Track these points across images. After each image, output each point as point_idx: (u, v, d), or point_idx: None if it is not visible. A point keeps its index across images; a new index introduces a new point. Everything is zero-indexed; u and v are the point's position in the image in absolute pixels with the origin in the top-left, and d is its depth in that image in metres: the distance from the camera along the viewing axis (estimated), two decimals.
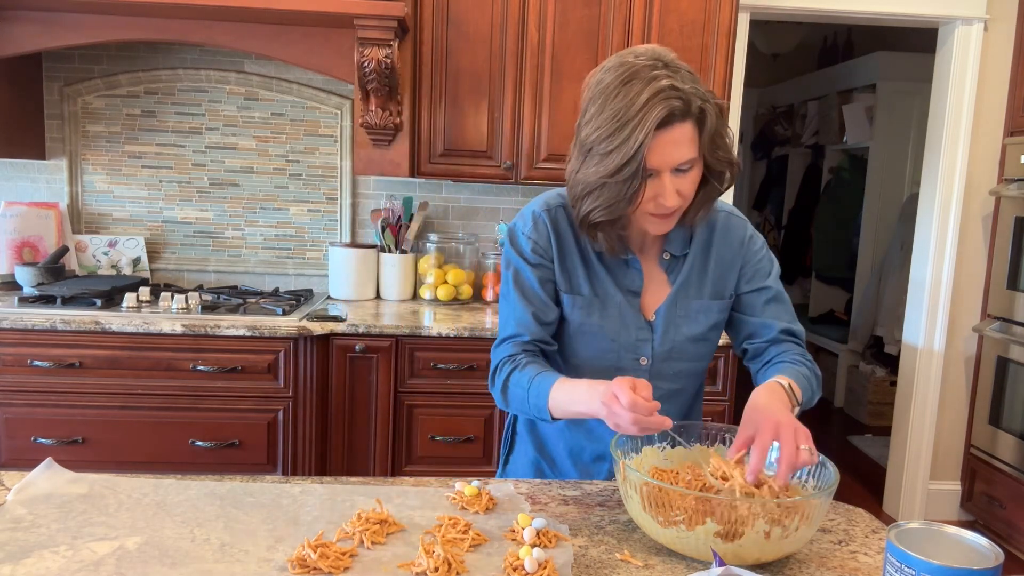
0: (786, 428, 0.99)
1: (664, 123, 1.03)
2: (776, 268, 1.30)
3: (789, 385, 1.11)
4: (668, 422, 1.00)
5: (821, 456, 1.04)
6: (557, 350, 1.29)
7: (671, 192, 1.09)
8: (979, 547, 0.77)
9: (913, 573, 0.74)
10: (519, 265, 1.25)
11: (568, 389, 1.10)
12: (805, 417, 1.09)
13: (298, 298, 2.59)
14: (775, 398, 1.07)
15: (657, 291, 1.25)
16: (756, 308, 1.28)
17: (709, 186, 1.16)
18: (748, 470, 0.99)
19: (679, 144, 1.06)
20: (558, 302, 1.25)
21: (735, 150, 1.17)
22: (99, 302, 2.32)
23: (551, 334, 1.25)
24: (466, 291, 2.75)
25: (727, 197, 2.92)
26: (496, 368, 1.24)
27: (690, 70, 1.09)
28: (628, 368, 1.24)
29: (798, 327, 1.30)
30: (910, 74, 4.41)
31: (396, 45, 2.31)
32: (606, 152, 1.06)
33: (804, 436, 0.99)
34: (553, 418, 1.13)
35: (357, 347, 2.31)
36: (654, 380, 1.22)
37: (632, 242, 1.24)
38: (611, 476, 1.29)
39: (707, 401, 2.55)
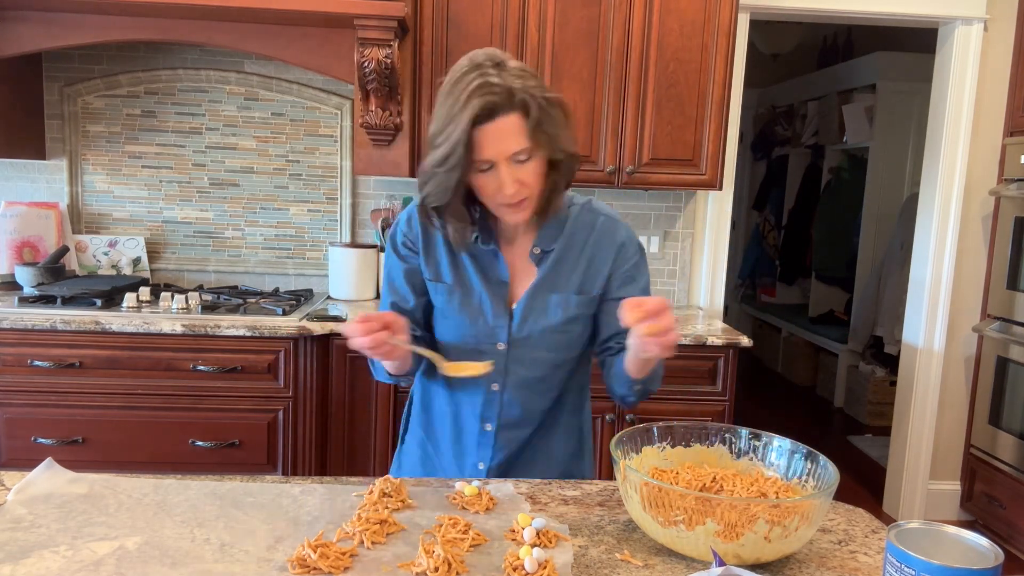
0: (669, 312, 1.09)
1: (486, 116, 1.11)
2: (646, 279, 1.35)
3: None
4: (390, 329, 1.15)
5: (821, 457, 1.04)
6: (435, 332, 1.39)
7: (509, 181, 1.15)
8: (979, 547, 0.77)
9: (913, 573, 0.74)
10: (389, 257, 1.38)
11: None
12: (804, 417, 1.09)
13: (298, 298, 2.59)
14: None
15: (524, 282, 1.32)
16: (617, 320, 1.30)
17: (553, 176, 1.23)
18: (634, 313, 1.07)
19: (506, 134, 1.13)
20: (425, 292, 1.35)
21: (574, 141, 1.23)
22: (99, 302, 2.32)
23: (412, 320, 1.34)
24: None
25: (726, 195, 2.92)
26: None
27: (524, 68, 1.17)
28: (486, 351, 1.31)
29: None
30: (910, 74, 4.41)
31: (396, 45, 2.31)
32: (439, 144, 1.16)
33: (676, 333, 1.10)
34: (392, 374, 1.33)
35: None
36: (512, 365, 1.32)
37: (503, 235, 1.31)
38: (488, 464, 1.35)
39: (707, 401, 2.55)
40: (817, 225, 5.40)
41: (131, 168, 2.81)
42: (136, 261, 2.81)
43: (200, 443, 2.28)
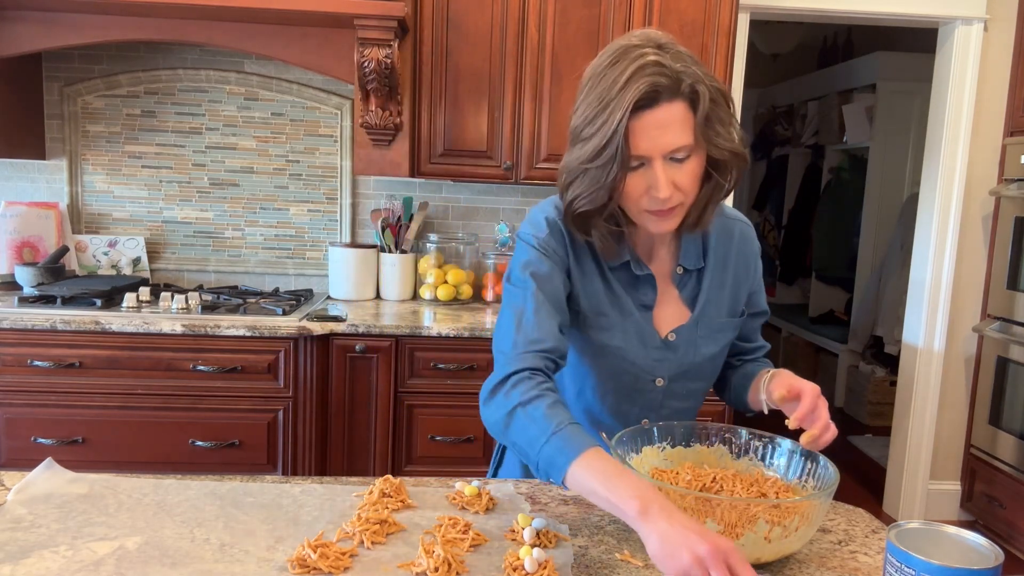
0: (824, 402, 1.03)
1: (648, 102, 0.95)
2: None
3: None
4: None
5: (821, 457, 1.04)
6: (561, 379, 1.22)
7: (664, 182, 0.98)
8: (979, 547, 0.77)
9: (913, 573, 0.74)
10: (538, 268, 1.10)
11: (607, 472, 0.89)
12: None
13: (298, 298, 2.59)
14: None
15: (669, 306, 1.17)
16: (753, 330, 1.27)
17: (713, 182, 1.05)
18: (796, 417, 1.02)
19: (667, 127, 0.96)
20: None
21: (740, 140, 1.04)
22: (99, 302, 2.32)
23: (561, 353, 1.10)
24: (466, 291, 2.75)
25: (726, 199, 2.92)
26: (508, 378, 1.02)
27: (690, 54, 1.00)
28: (643, 389, 1.18)
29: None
30: (910, 74, 4.41)
31: (396, 45, 2.31)
32: (588, 136, 0.99)
33: (834, 428, 1.03)
34: (563, 483, 0.94)
35: (357, 347, 2.31)
36: (666, 400, 1.20)
37: (640, 252, 1.15)
38: None
39: (707, 401, 2.54)
40: (817, 225, 5.40)
41: (131, 168, 2.81)
42: (136, 261, 2.81)
43: (200, 443, 2.28)
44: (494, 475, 1.36)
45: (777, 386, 1.08)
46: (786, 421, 1.05)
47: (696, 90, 0.97)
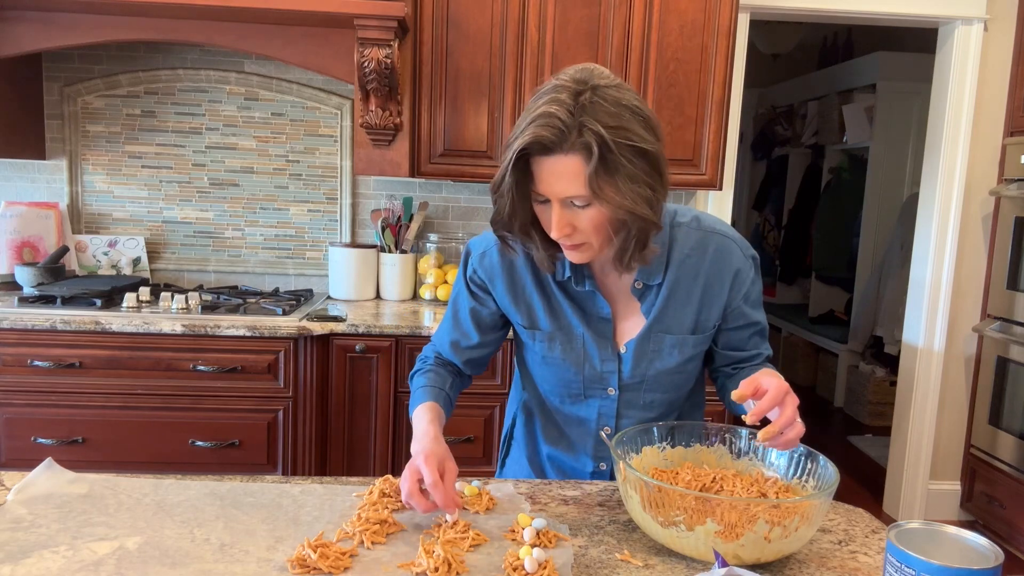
0: (792, 399, 1.00)
1: (542, 149, 0.98)
2: (759, 290, 1.24)
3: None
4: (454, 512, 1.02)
5: (821, 457, 1.04)
6: (524, 374, 1.32)
7: (556, 223, 1.02)
8: (979, 547, 0.77)
9: (913, 573, 0.74)
10: (458, 287, 1.28)
11: (416, 422, 1.16)
12: (804, 417, 1.09)
13: (298, 298, 2.59)
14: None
15: (630, 319, 1.19)
16: (743, 342, 1.25)
17: (623, 234, 1.05)
18: (754, 412, 0.99)
19: (560, 175, 0.99)
20: (495, 328, 1.28)
21: (657, 202, 1.03)
22: (99, 302, 2.32)
23: (469, 359, 1.29)
24: None
25: (726, 195, 2.92)
26: (418, 360, 1.34)
27: (624, 103, 0.98)
28: (596, 397, 1.23)
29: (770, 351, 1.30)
30: (910, 74, 4.41)
31: (396, 45, 2.31)
32: (501, 163, 1.04)
33: (799, 426, 1.00)
34: None
35: (357, 347, 2.31)
36: (624, 409, 1.23)
37: (595, 268, 1.18)
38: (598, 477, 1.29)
39: (707, 401, 2.54)
40: (817, 225, 5.40)
41: (131, 168, 2.81)
42: (136, 261, 2.81)
43: (200, 443, 2.28)
44: (502, 464, 1.43)
45: (741, 384, 1.03)
46: (743, 416, 1.02)
47: (590, 146, 0.96)
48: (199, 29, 2.39)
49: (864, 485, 3.64)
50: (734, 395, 1.02)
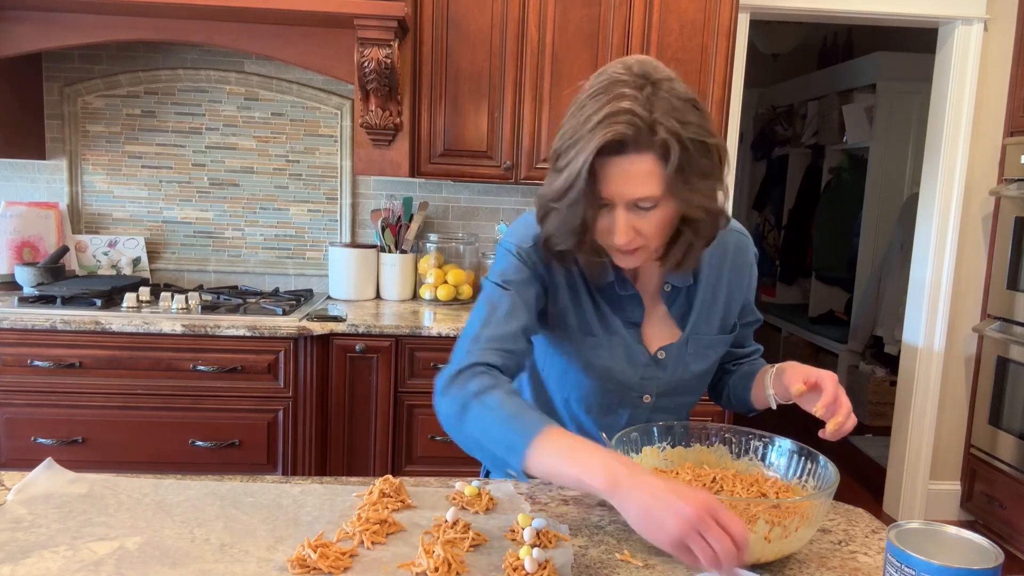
0: (843, 390, 1.02)
1: (615, 149, 0.92)
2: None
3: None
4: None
5: (821, 457, 1.04)
6: (540, 384, 1.23)
7: (623, 229, 0.96)
8: (979, 547, 0.77)
9: (913, 573, 0.74)
10: (520, 275, 1.10)
11: (571, 447, 0.89)
12: (804, 417, 1.10)
13: (298, 298, 2.59)
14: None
15: (657, 323, 1.15)
16: (746, 338, 1.27)
17: (687, 233, 1.02)
18: (822, 404, 1.01)
19: (633, 176, 0.93)
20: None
21: (722, 197, 1.01)
22: (99, 302, 2.32)
23: (527, 349, 1.13)
24: (466, 291, 2.75)
25: (726, 199, 2.92)
26: (465, 370, 1.01)
27: (686, 96, 0.94)
28: (629, 405, 1.18)
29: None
30: (910, 74, 4.41)
31: (396, 45, 2.31)
32: (560, 169, 0.96)
33: (853, 416, 1.03)
34: (524, 472, 0.92)
35: (357, 347, 2.31)
36: (653, 415, 1.20)
37: (631, 270, 1.12)
38: None
39: (707, 401, 2.54)
40: (817, 225, 5.39)
41: (131, 168, 2.81)
42: (136, 261, 2.81)
43: (200, 443, 2.28)
44: (486, 474, 1.35)
45: (792, 379, 1.05)
46: (813, 409, 1.03)
47: (667, 144, 0.91)
48: (199, 29, 2.39)
49: (864, 485, 3.64)
50: (793, 390, 1.04)
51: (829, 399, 1.01)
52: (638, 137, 0.91)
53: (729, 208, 3.07)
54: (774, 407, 1.17)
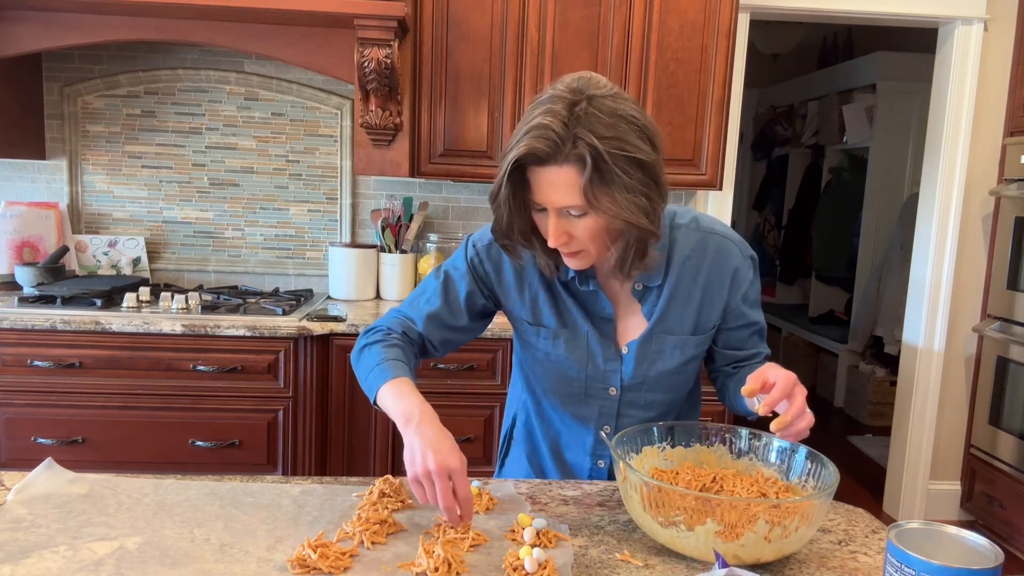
0: (800, 390, 1.01)
1: (537, 161, 0.99)
2: (758, 291, 1.25)
3: None
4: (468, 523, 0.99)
5: (821, 456, 1.04)
6: (524, 375, 1.31)
7: (553, 231, 1.03)
8: (979, 547, 0.78)
9: (913, 573, 0.74)
10: (457, 269, 1.24)
11: (396, 397, 1.08)
12: None
13: (298, 298, 2.59)
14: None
15: (630, 319, 1.21)
16: (743, 342, 1.26)
17: (621, 242, 1.07)
18: (765, 403, 1.00)
19: (555, 186, 1.00)
20: (482, 317, 1.26)
21: (654, 212, 1.03)
22: (99, 302, 2.32)
23: (448, 339, 1.25)
24: None
25: (726, 195, 2.92)
26: (372, 329, 1.23)
27: (620, 113, 0.99)
28: (596, 396, 1.23)
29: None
30: (910, 74, 4.41)
31: (396, 45, 2.31)
32: (498, 172, 1.04)
33: (808, 416, 1.01)
34: (374, 404, 1.12)
35: None
36: (625, 408, 1.24)
37: (598, 268, 1.18)
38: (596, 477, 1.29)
39: (706, 401, 2.54)
40: (817, 225, 5.40)
41: (131, 168, 2.81)
42: (136, 261, 2.81)
43: (200, 443, 2.28)
44: (501, 464, 1.42)
45: (749, 379, 1.04)
46: (754, 408, 1.03)
47: (584, 157, 0.96)
48: (199, 29, 2.39)
49: (864, 485, 3.64)
50: (743, 390, 1.03)
51: (772, 397, 1.00)
52: (556, 151, 0.98)
53: (729, 208, 3.06)
54: (753, 410, 1.17)
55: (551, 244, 1.05)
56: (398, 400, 1.07)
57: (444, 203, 2.91)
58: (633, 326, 1.21)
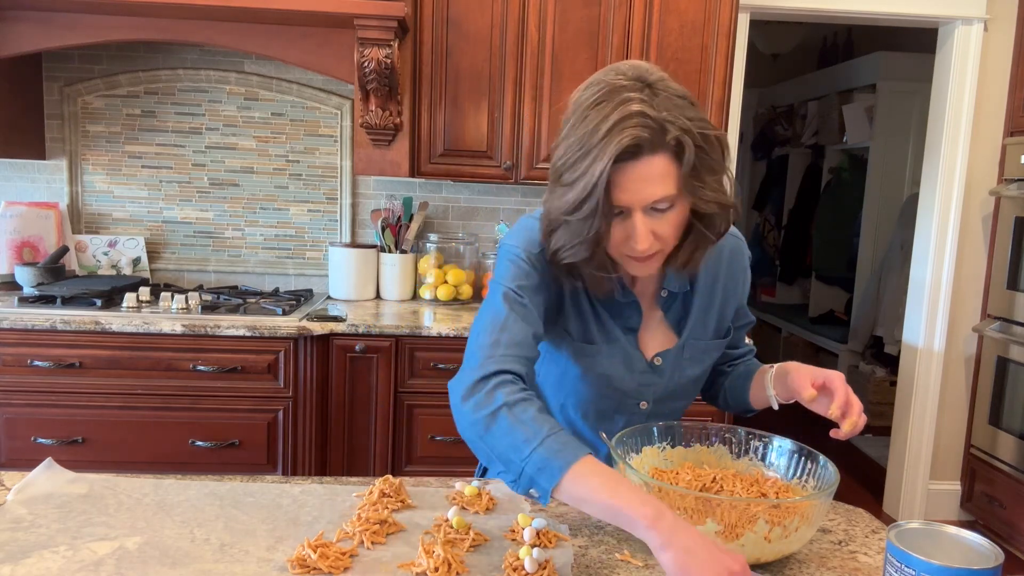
0: (850, 389, 1.02)
1: (630, 155, 0.90)
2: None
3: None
4: None
5: (821, 457, 1.04)
6: (548, 392, 1.23)
7: (643, 234, 0.95)
8: (979, 547, 0.78)
9: (913, 573, 0.74)
10: (529, 280, 1.06)
11: (612, 478, 0.87)
12: (804, 417, 1.10)
13: (298, 298, 2.59)
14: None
15: (654, 329, 1.15)
16: (739, 339, 1.27)
17: (697, 230, 1.02)
18: (837, 404, 1.01)
19: (649, 180, 0.92)
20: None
21: (730, 188, 1.00)
22: (99, 302, 2.32)
23: (531, 372, 1.09)
24: (466, 291, 2.75)
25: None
26: (490, 377, 0.97)
27: (682, 93, 0.94)
28: (625, 412, 1.18)
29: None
30: (910, 74, 4.41)
31: (396, 45, 2.31)
32: (569, 183, 0.94)
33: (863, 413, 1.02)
34: (550, 494, 0.90)
35: (357, 347, 2.31)
36: (649, 420, 1.18)
37: (624, 275, 1.10)
38: None
39: (702, 401, 2.54)
40: (817, 225, 5.40)
41: (131, 168, 2.81)
42: (136, 261, 2.81)
43: (200, 443, 2.28)
44: (482, 473, 1.34)
45: (800, 384, 1.05)
46: (828, 412, 1.03)
47: (681, 142, 0.91)
48: (199, 29, 2.39)
49: (864, 485, 3.64)
50: (805, 395, 1.04)
51: (842, 400, 1.01)
52: (652, 139, 0.90)
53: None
54: (775, 407, 1.17)
55: (642, 247, 0.96)
56: (623, 489, 0.85)
57: (444, 203, 2.91)
58: (657, 336, 1.16)
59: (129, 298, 2.36)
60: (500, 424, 0.93)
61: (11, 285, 2.59)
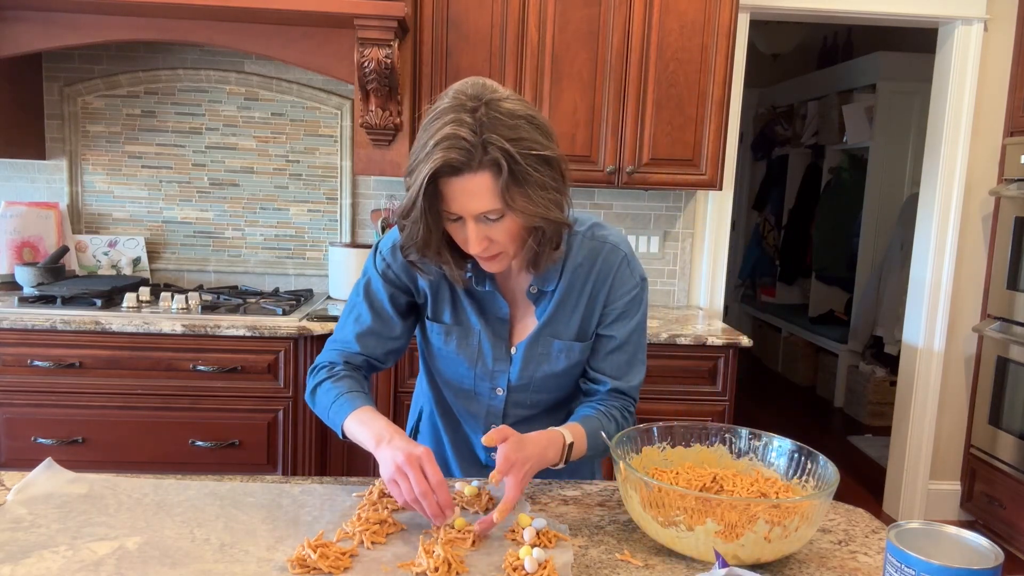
0: (522, 481, 1.02)
1: (451, 170, 0.99)
2: (640, 316, 1.24)
3: (570, 445, 1.12)
4: (450, 512, 0.99)
5: (821, 457, 1.04)
6: (425, 365, 1.33)
7: (475, 239, 1.05)
8: (979, 547, 0.78)
9: (913, 573, 0.75)
10: (372, 282, 1.24)
11: (362, 424, 1.11)
12: (804, 417, 1.09)
13: (298, 298, 2.59)
14: (544, 442, 1.09)
15: (525, 322, 1.23)
16: (599, 353, 1.24)
17: (535, 238, 1.09)
18: (493, 475, 1.02)
19: (472, 194, 1.01)
20: (409, 315, 1.26)
21: (566, 206, 1.07)
22: (99, 302, 2.32)
23: (392, 349, 1.26)
24: None
25: (726, 195, 2.92)
26: (316, 367, 1.25)
27: (521, 114, 1.02)
28: (484, 394, 1.26)
29: (633, 383, 1.26)
30: (910, 74, 4.41)
31: (396, 45, 2.31)
32: (407, 187, 1.04)
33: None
34: (344, 438, 1.16)
35: None
36: (510, 408, 1.27)
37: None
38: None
39: (707, 401, 2.55)
40: (817, 225, 5.40)
41: (131, 168, 2.81)
42: (136, 261, 2.81)
43: (200, 443, 2.28)
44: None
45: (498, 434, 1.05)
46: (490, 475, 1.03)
47: (499, 162, 0.99)
48: (199, 29, 2.39)
49: (864, 485, 3.64)
50: (484, 439, 1.05)
51: (498, 471, 1.02)
52: (470, 159, 0.99)
53: (729, 208, 3.06)
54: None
55: (472, 251, 1.07)
56: (364, 427, 1.10)
57: None
58: (526, 328, 1.24)
59: (129, 298, 2.36)
60: (317, 396, 1.22)
61: (11, 285, 2.59)
